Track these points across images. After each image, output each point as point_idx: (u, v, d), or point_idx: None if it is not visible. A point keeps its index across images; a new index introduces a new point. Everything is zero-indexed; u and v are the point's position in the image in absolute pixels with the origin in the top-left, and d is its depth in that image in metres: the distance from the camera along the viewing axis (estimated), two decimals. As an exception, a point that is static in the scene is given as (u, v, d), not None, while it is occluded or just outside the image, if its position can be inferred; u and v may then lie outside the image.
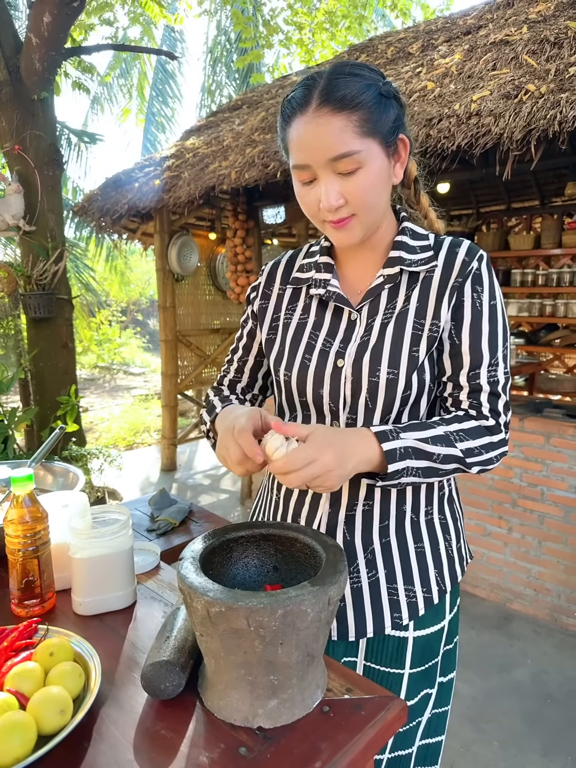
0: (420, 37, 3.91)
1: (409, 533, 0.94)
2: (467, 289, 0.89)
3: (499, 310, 0.91)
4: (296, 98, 0.83)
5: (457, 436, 0.85)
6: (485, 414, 0.89)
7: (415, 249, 0.92)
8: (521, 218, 5.19)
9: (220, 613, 0.62)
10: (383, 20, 9.65)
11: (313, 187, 0.84)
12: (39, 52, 3.26)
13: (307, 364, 0.93)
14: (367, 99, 0.80)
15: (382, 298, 0.92)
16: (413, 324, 0.89)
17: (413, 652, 0.97)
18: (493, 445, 0.88)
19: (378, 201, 0.86)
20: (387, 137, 0.83)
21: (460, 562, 1.01)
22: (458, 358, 0.90)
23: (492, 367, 0.89)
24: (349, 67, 0.82)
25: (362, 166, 0.81)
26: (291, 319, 0.99)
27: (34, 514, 0.90)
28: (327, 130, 0.79)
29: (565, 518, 2.50)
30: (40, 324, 3.57)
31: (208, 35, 10.44)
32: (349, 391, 0.90)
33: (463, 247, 0.92)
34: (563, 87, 2.30)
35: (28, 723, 0.63)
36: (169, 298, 4.76)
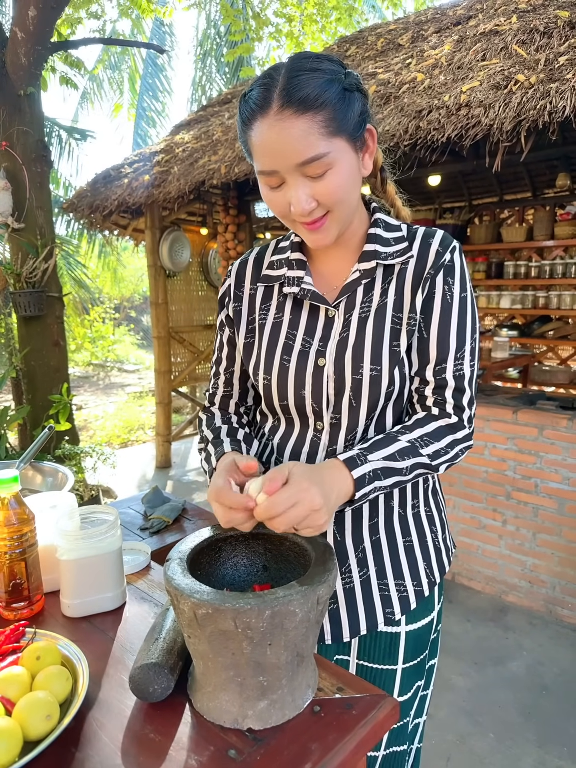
0: (410, 28, 3.89)
1: (397, 528, 0.94)
2: (439, 281, 0.87)
3: (469, 302, 0.89)
4: (254, 99, 0.77)
5: (422, 442, 0.85)
6: (448, 411, 0.88)
7: (389, 241, 0.90)
8: (514, 210, 5.18)
9: (207, 614, 0.61)
10: (374, 11, 9.60)
11: (282, 190, 0.81)
12: (25, 47, 3.22)
13: (287, 365, 0.91)
14: (331, 96, 0.75)
15: (358, 293, 0.90)
16: (392, 318, 0.88)
17: (406, 647, 0.97)
18: (457, 441, 0.89)
19: (350, 197, 0.83)
20: (354, 132, 0.80)
21: (447, 553, 1.02)
22: (425, 353, 0.89)
23: (458, 360, 0.88)
24: (308, 62, 0.76)
25: (332, 167, 0.77)
26: (265, 319, 0.96)
27: (20, 516, 0.89)
28: (291, 134, 0.74)
29: (559, 510, 2.51)
30: (30, 322, 3.54)
31: (197, 28, 10.35)
32: (332, 391, 0.88)
33: (437, 237, 0.90)
34: (553, 77, 2.28)
35: (13, 729, 0.62)
36: (161, 294, 4.74)
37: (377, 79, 3.16)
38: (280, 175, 0.79)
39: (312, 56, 0.78)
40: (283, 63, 0.78)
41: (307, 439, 0.93)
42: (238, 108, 0.81)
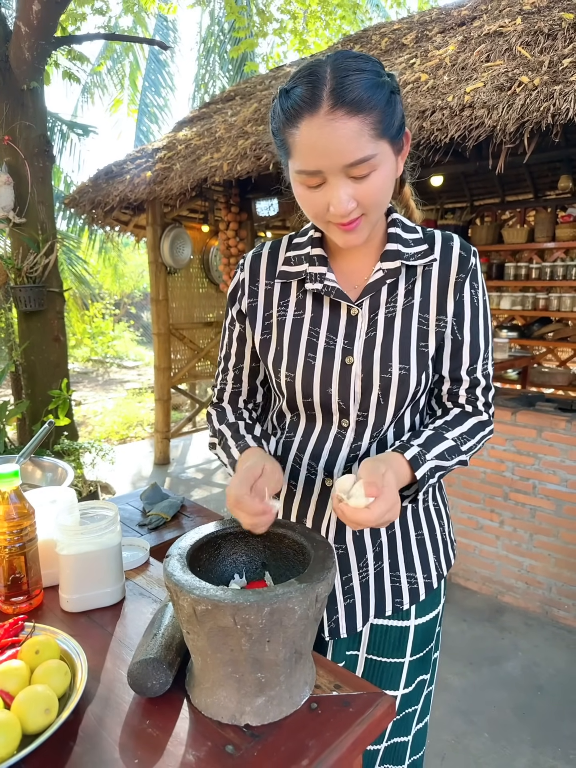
0: (414, 27, 3.88)
1: (410, 522, 0.97)
2: (467, 286, 0.91)
3: (487, 305, 0.95)
4: (301, 96, 0.75)
5: (462, 440, 0.91)
6: (480, 408, 0.95)
7: (409, 242, 0.91)
8: (515, 211, 5.18)
9: (206, 611, 0.62)
10: (378, 10, 9.58)
11: (321, 190, 0.79)
12: (28, 41, 3.21)
13: (312, 363, 0.90)
14: (381, 99, 0.75)
15: (382, 292, 0.90)
16: (419, 319, 0.90)
17: (414, 640, 1.00)
18: (485, 437, 0.96)
19: (387, 200, 0.84)
20: (396, 135, 0.80)
21: (452, 546, 1.05)
22: (459, 354, 0.93)
23: (485, 360, 0.94)
24: (354, 62, 0.75)
25: (376, 169, 0.77)
26: (285, 316, 0.94)
27: (20, 511, 0.89)
28: (343, 135, 0.73)
29: (556, 511, 2.51)
30: (31, 317, 3.54)
31: (201, 25, 10.38)
32: (359, 389, 0.89)
33: (456, 241, 0.92)
34: (557, 79, 2.28)
35: (12, 722, 0.62)
36: (161, 291, 4.73)
37: (381, 79, 3.16)
38: (322, 175, 0.77)
39: (355, 56, 0.77)
40: (323, 60, 0.76)
41: (330, 436, 0.93)
42: (279, 103, 0.79)
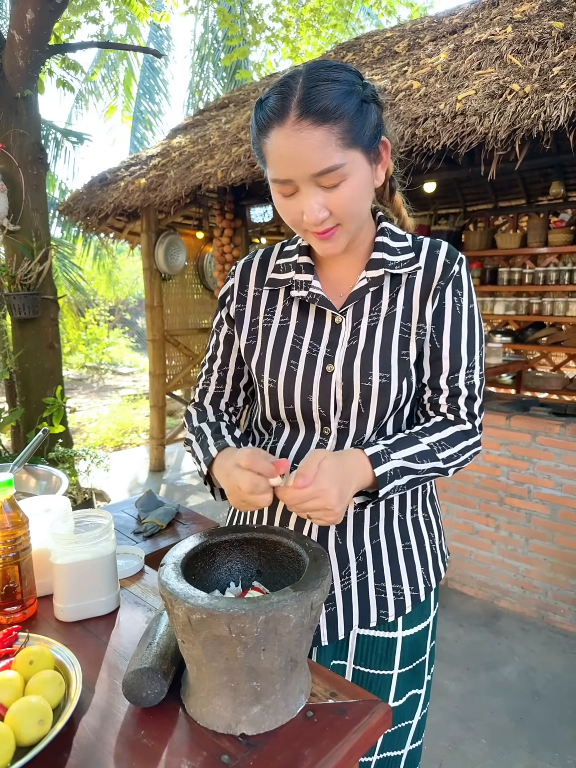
0: (406, 36, 3.91)
1: (397, 533, 0.95)
2: (448, 293, 0.90)
3: (476, 314, 0.93)
4: (271, 107, 0.77)
5: (439, 446, 0.88)
6: (462, 418, 0.92)
7: (396, 250, 0.91)
8: (508, 217, 5.21)
9: (201, 619, 0.61)
10: (370, 18, 9.66)
11: (295, 198, 0.81)
12: (22, 50, 3.22)
13: (294, 370, 0.91)
14: (350, 108, 0.75)
15: (366, 300, 0.91)
16: (401, 327, 0.89)
17: (402, 652, 0.97)
18: (469, 447, 0.92)
19: (362, 210, 0.84)
20: (369, 144, 0.80)
21: (443, 559, 1.03)
22: (438, 363, 0.91)
23: (470, 370, 0.91)
24: (326, 71, 0.76)
25: (346, 178, 0.78)
26: (271, 323, 0.95)
27: (14, 520, 0.89)
28: (308, 145, 0.74)
29: (551, 516, 2.52)
30: (25, 324, 3.53)
31: (195, 33, 10.42)
32: (340, 397, 0.89)
33: (443, 249, 0.92)
34: (547, 87, 2.31)
35: (5, 734, 0.61)
36: (156, 297, 4.73)
37: (373, 86, 3.18)
38: (294, 184, 0.79)
39: (330, 65, 0.78)
40: (300, 70, 0.78)
41: (312, 444, 0.93)
42: (254, 114, 0.81)
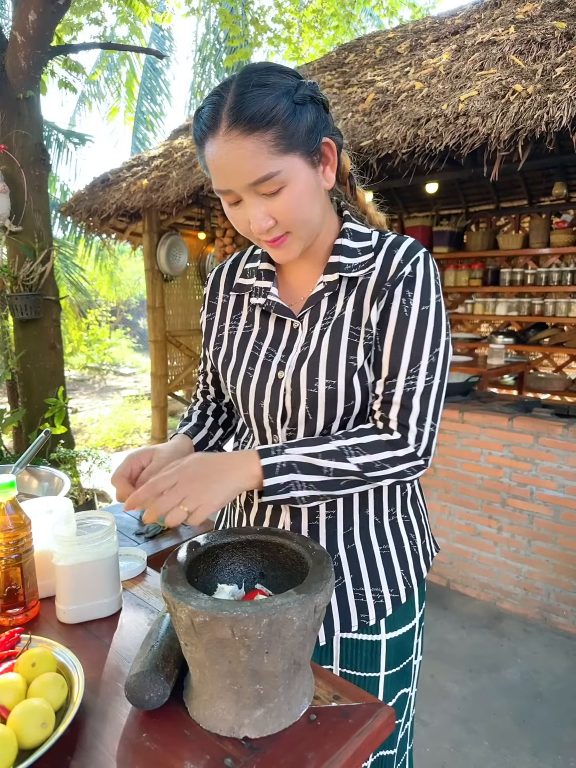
0: (408, 36, 3.92)
1: (373, 536, 0.93)
2: (397, 294, 0.84)
3: (431, 315, 0.84)
4: (204, 119, 0.76)
5: (353, 451, 0.82)
6: (390, 427, 0.84)
7: (356, 251, 0.88)
8: (510, 218, 5.21)
9: (204, 622, 0.61)
10: (371, 19, 9.67)
11: (241, 207, 0.80)
12: (24, 51, 3.22)
13: (250, 376, 0.92)
14: (280, 113, 0.73)
15: (322, 305, 0.89)
16: (349, 331, 0.86)
17: (387, 654, 0.97)
18: (398, 459, 0.83)
19: (310, 215, 0.82)
20: (309, 146, 0.77)
21: (425, 558, 1.01)
22: (378, 367, 0.86)
23: (411, 376, 0.83)
24: (256, 76, 0.74)
25: (286, 185, 0.76)
26: (236, 329, 0.96)
27: (16, 522, 0.89)
28: (240, 155, 0.73)
29: (554, 517, 2.51)
30: (27, 325, 3.53)
31: (197, 34, 10.41)
32: (288, 404, 0.88)
33: (402, 247, 0.86)
34: (550, 87, 2.30)
35: (8, 737, 0.61)
36: (158, 298, 4.74)
37: (375, 87, 3.18)
38: (235, 194, 0.78)
39: (262, 68, 0.76)
40: (233, 77, 0.76)
41: None
42: (192, 125, 0.80)
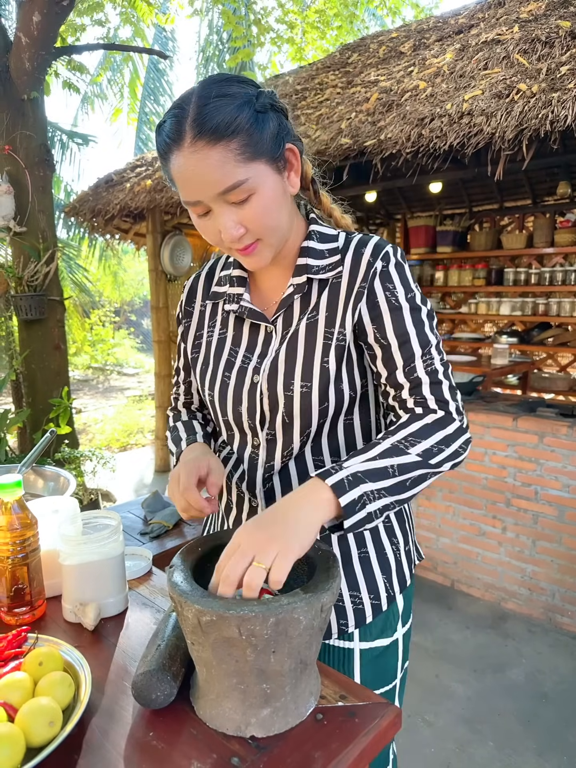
0: (412, 36, 3.91)
1: (351, 539, 0.92)
2: (378, 290, 0.85)
3: (419, 300, 0.87)
4: (167, 132, 0.76)
5: (407, 443, 0.79)
6: (432, 407, 0.83)
7: (324, 253, 0.89)
8: (514, 217, 5.20)
9: (211, 621, 0.61)
10: (374, 19, 9.66)
11: (210, 218, 0.80)
12: (29, 52, 3.23)
13: (227, 382, 0.92)
14: (243, 122, 0.74)
15: (294, 307, 0.90)
16: (324, 333, 0.87)
17: (362, 667, 0.94)
18: (451, 437, 0.81)
19: (278, 221, 0.82)
20: (273, 153, 0.78)
21: (409, 565, 0.99)
22: (391, 360, 0.85)
23: (426, 357, 0.84)
24: (217, 87, 0.75)
25: (254, 192, 0.77)
26: (212, 335, 0.98)
27: (23, 521, 0.89)
28: (207, 165, 0.74)
29: (559, 517, 2.51)
30: (31, 325, 3.54)
31: (200, 34, 10.43)
32: (267, 407, 0.89)
33: (369, 246, 0.87)
34: (554, 86, 2.30)
35: (16, 735, 0.61)
36: (161, 298, 4.74)
37: (379, 87, 3.18)
38: (204, 205, 0.79)
39: (221, 80, 0.77)
40: (193, 90, 0.77)
41: (245, 455, 0.95)
42: (155, 139, 0.80)
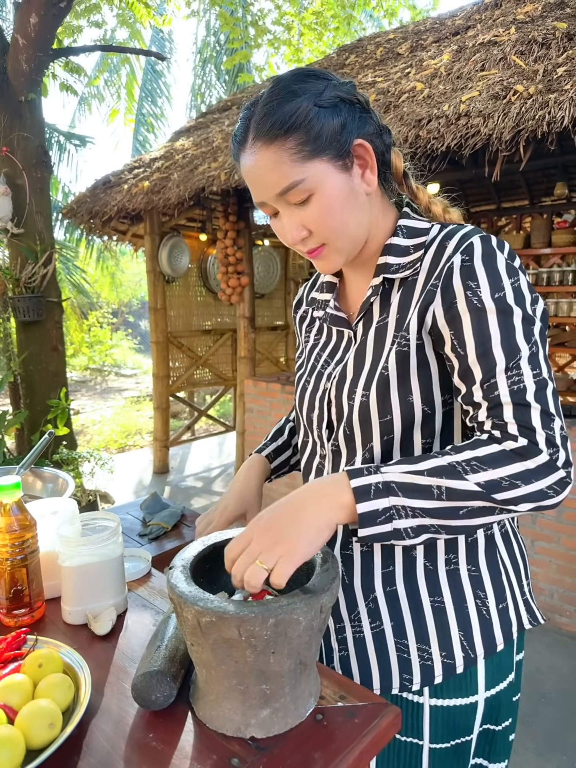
0: (409, 37, 3.92)
1: (422, 583, 0.80)
2: (457, 288, 0.72)
3: (511, 300, 0.70)
4: (237, 134, 0.77)
5: (468, 466, 0.65)
6: (512, 433, 0.66)
7: (407, 250, 0.79)
8: (511, 218, 5.20)
9: (210, 623, 0.61)
10: (371, 20, 9.68)
11: (279, 219, 0.79)
12: (26, 53, 3.24)
13: (306, 387, 0.90)
14: (300, 119, 0.71)
15: (374, 310, 0.83)
16: (392, 338, 0.78)
17: (432, 722, 0.81)
18: (532, 473, 0.64)
19: (345, 223, 0.76)
20: (338, 150, 0.73)
21: (503, 626, 0.81)
22: (469, 373, 0.71)
23: (513, 372, 0.68)
24: (283, 85, 0.73)
25: (314, 192, 0.73)
26: (308, 340, 0.97)
27: (22, 523, 0.89)
28: (263, 167, 0.73)
29: (557, 518, 2.51)
30: (29, 327, 3.54)
31: (197, 36, 10.42)
32: (335, 416, 0.84)
33: (456, 237, 0.75)
34: (551, 88, 2.30)
35: (16, 737, 0.61)
36: (159, 299, 4.75)
37: (376, 88, 3.19)
38: (270, 206, 0.77)
39: (289, 77, 0.75)
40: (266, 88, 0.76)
41: (314, 464, 0.92)
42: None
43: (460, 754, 0.84)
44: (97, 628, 0.87)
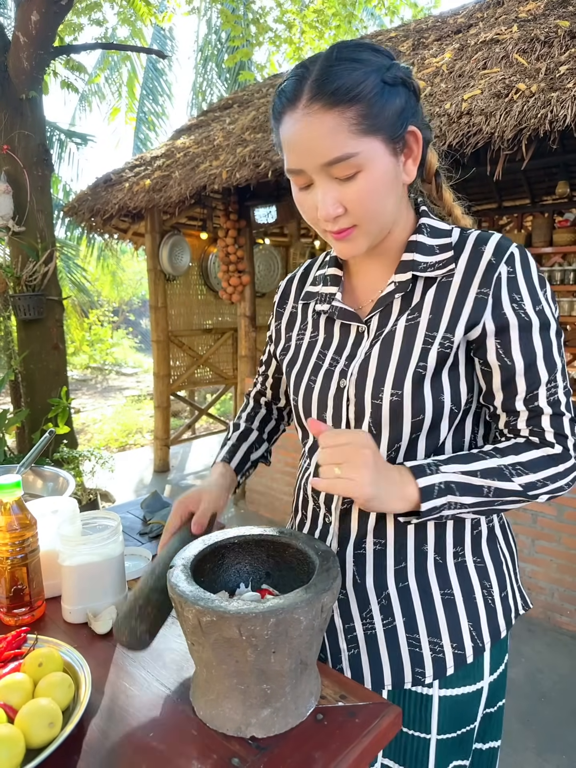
0: (410, 35, 3.91)
1: (432, 577, 0.82)
2: (505, 301, 0.74)
3: (549, 314, 0.76)
4: (286, 91, 0.71)
5: (514, 470, 0.73)
6: (549, 441, 0.75)
7: (433, 249, 0.79)
8: (512, 217, 5.20)
9: (211, 622, 0.61)
10: (373, 19, 9.66)
11: (311, 192, 0.74)
12: (27, 51, 3.23)
13: (312, 386, 0.86)
14: (366, 90, 0.67)
15: (393, 307, 0.81)
16: (424, 337, 0.77)
17: (441, 714, 0.84)
18: (561, 474, 0.75)
19: (383, 207, 0.74)
20: (393, 132, 0.71)
21: (506, 614, 0.86)
22: (512, 384, 0.76)
23: (551, 384, 0.75)
24: (347, 51, 0.69)
25: (362, 170, 0.70)
26: (302, 338, 0.91)
27: (22, 521, 0.89)
28: (317, 131, 0.68)
29: (558, 517, 2.51)
30: (30, 325, 3.54)
31: (198, 34, 10.40)
32: (352, 415, 0.81)
33: (491, 244, 0.76)
34: (554, 86, 2.30)
35: (16, 737, 0.61)
36: (160, 298, 4.74)
37: (378, 86, 3.18)
38: (306, 175, 0.72)
39: (353, 45, 0.71)
40: (323, 52, 0.71)
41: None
42: (272, 100, 0.75)
43: (465, 743, 0.87)
44: (98, 627, 0.87)
